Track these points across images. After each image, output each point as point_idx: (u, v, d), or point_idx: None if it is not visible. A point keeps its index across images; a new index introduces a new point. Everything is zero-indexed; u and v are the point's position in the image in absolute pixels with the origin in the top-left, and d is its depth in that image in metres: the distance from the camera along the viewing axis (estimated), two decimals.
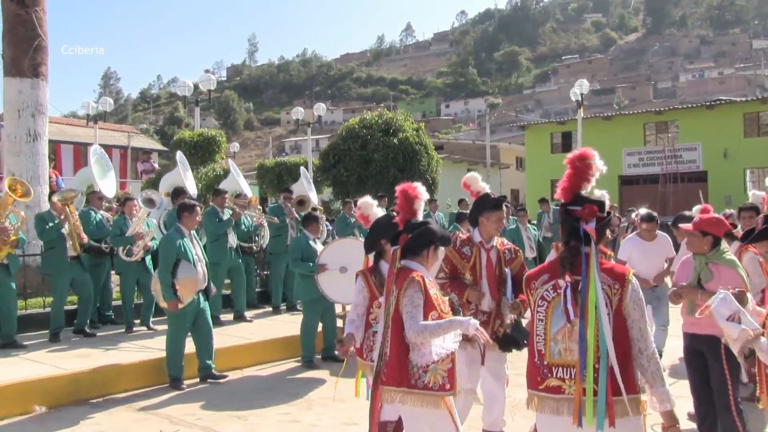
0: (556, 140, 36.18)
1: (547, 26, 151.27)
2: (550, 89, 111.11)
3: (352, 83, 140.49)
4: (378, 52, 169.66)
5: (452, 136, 74.05)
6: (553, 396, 3.11)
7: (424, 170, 18.34)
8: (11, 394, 6.14)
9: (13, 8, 10.32)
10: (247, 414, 6.15)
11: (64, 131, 30.80)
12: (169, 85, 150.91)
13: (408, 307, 3.61)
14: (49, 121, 11.01)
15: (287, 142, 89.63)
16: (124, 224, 9.11)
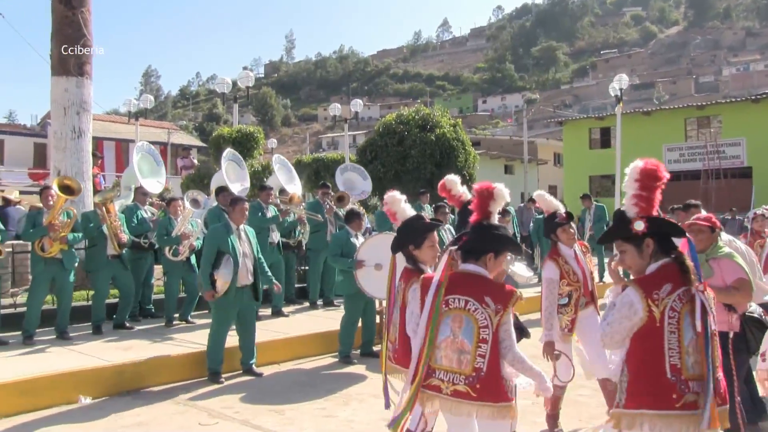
0: (594, 136, 35.73)
1: (585, 20, 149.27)
2: (589, 84, 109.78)
3: (389, 79, 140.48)
4: (415, 48, 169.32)
5: (489, 132, 73.67)
6: (689, 413, 3.03)
7: (461, 166, 18.25)
8: (58, 384, 6.34)
9: (62, 10, 10.55)
10: (284, 408, 6.23)
11: (106, 128, 31.42)
12: (207, 82, 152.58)
13: (508, 337, 3.52)
14: (92, 118, 11.23)
15: (324, 138, 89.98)
16: (169, 224, 9.30)
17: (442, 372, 3.49)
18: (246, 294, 7.24)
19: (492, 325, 3.45)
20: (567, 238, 5.49)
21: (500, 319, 3.46)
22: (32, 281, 8.36)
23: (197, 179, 17.17)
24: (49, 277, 8.24)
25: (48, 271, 8.19)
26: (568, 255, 5.48)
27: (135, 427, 5.73)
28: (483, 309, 3.46)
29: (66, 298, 8.42)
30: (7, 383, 6.14)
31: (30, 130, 38.18)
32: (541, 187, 39.78)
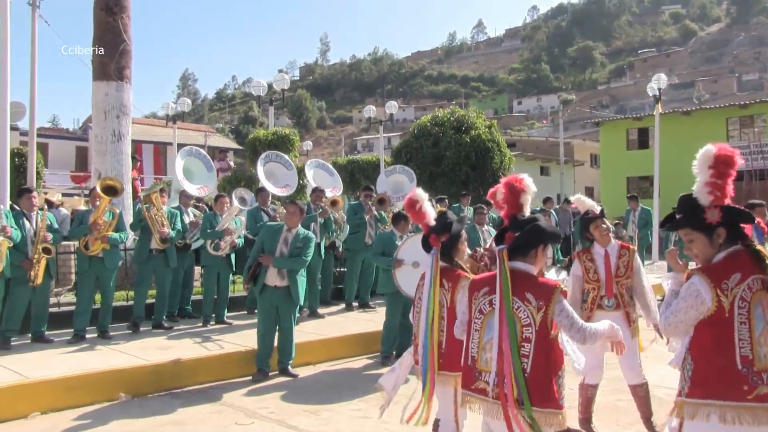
0: (632, 136, 35.27)
1: (623, 19, 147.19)
2: (626, 84, 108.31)
3: (424, 81, 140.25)
4: (449, 50, 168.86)
5: (525, 133, 73.24)
6: (762, 405, 2.90)
7: (497, 168, 18.20)
8: (101, 382, 6.50)
9: (103, 16, 10.78)
10: (320, 409, 6.26)
11: (145, 131, 31.94)
12: (243, 85, 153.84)
13: (567, 319, 3.35)
14: (132, 121, 11.43)
15: (359, 140, 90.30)
16: (214, 220, 9.45)
17: (487, 374, 3.40)
18: (279, 294, 7.31)
19: (535, 323, 3.31)
20: (600, 235, 5.51)
21: (544, 315, 3.31)
22: (78, 279, 8.60)
23: (233, 181, 17.37)
24: (94, 276, 8.46)
25: (92, 270, 8.41)
26: (597, 254, 5.50)
27: (173, 425, 5.81)
28: (525, 306, 3.35)
29: (107, 298, 8.62)
30: (54, 379, 6.31)
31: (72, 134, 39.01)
32: (577, 188, 39.46)
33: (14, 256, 7.70)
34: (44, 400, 6.11)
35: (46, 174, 21.39)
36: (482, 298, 3.54)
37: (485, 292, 3.53)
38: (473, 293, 3.63)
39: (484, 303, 3.52)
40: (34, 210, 8.16)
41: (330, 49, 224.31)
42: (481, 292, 3.56)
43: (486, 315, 3.48)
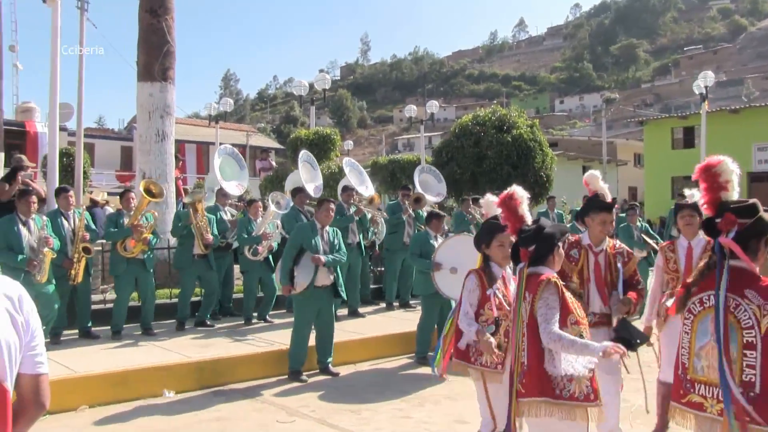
0: (677, 135, 34.57)
1: (668, 16, 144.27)
2: (671, 82, 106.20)
3: (465, 80, 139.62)
4: (490, 49, 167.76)
5: (567, 133, 72.38)
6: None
7: (539, 167, 18.00)
8: (145, 378, 6.61)
9: (148, 18, 10.95)
10: (360, 408, 6.27)
11: (188, 131, 32.38)
12: (285, 85, 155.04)
13: (543, 309, 3.42)
14: (175, 121, 11.59)
15: (400, 139, 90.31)
16: (249, 225, 9.52)
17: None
18: (326, 293, 7.33)
19: (525, 316, 3.49)
20: (683, 225, 5.40)
21: (531, 307, 3.45)
22: (116, 280, 8.71)
23: (275, 180, 17.51)
24: (132, 276, 8.58)
25: (130, 270, 8.52)
26: (680, 245, 5.39)
27: (215, 422, 5.88)
28: (523, 303, 3.54)
29: (150, 297, 8.77)
30: (100, 375, 6.45)
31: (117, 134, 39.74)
32: (620, 188, 38.88)
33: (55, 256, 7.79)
34: (92, 393, 6.24)
35: (92, 173, 21.83)
36: None
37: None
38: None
39: None
40: (71, 209, 8.29)
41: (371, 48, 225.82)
42: None
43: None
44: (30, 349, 2.05)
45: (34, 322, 2.07)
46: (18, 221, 7.40)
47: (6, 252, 7.24)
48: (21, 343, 1.99)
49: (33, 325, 2.06)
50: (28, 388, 2.06)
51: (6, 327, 1.95)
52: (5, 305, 1.97)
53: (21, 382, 2.06)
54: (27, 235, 7.38)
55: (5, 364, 1.94)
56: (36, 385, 2.06)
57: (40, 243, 7.37)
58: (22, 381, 2.05)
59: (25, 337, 2.02)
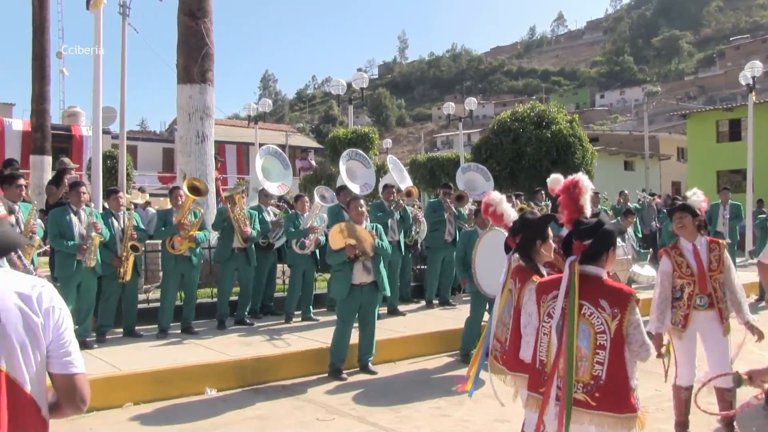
0: (722, 128, 33.77)
1: (713, 5, 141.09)
2: (715, 74, 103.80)
3: (503, 76, 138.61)
4: (529, 44, 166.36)
5: (608, 128, 71.38)
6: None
7: (579, 163, 17.77)
8: (187, 376, 6.71)
9: (187, 21, 11.10)
10: (399, 406, 6.27)
11: (228, 132, 32.74)
12: (323, 84, 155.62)
13: (638, 328, 3.32)
14: (215, 123, 11.73)
15: (439, 137, 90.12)
16: (296, 220, 9.61)
17: (559, 379, 3.40)
18: (366, 291, 7.33)
19: (610, 330, 3.30)
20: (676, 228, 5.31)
21: (619, 324, 3.29)
22: (163, 277, 8.91)
23: (314, 180, 17.61)
24: (179, 274, 8.75)
25: (178, 268, 8.70)
26: (685, 248, 5.25)
27: (256, 420, 5.93)
28: (598, 313, 3.33)
29: (192, 294, 8.91)
30: (144, 373, 6.56)
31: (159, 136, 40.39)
32: (663, 183, 38.24)
33: (104, 254, 8.12)
34: (136, 391, 6.36)
35: (135, 175, 22.24)
36: (551, 302, 3.52)
37: (554, 296, 3.51)
38: (541, 296, 3.61)
39: (553, 307, 3.50)
40: (121, 209, 8.54)
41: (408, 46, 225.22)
42: (551, 295, 3.54)
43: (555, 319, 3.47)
44: (59, 348, 2.03)
45: (62, 320, 2.04)
46: (69, 211, 7.88)
47: (58, 239, 7.75)
48: (38, 342, 1.97)
49: (59, 324, 2.03)
50: (62, 388, 2.05)
51: (18, 324, 1.92)
52: (17, 303, 1.94)
53: (55, 383, 2.06)
54: (78, 224, 7.86)
55: (21, 365, 1.93)
56: (70, 385, 2.05)
57: (89, 228, 7.82)
58: (56, 381, 2.05)
59: (46, 336, 2.00)
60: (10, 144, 23.95)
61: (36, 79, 12.20)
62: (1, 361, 1.89)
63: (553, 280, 3.62)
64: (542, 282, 3.71)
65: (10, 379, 1.90)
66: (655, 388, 6.22)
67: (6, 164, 10.00)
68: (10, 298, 1.93)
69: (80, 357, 2.11)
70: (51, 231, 7.74)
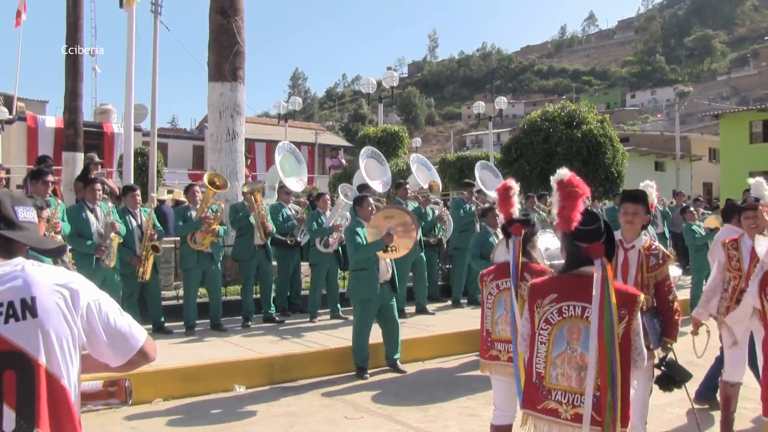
0: (755, 129, 33.29)
1: (748, 4, 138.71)
2: (749, 74, 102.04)
3: (533, 76, 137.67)
4: (559, 43, 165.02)
5: (639, 128, 70.58)
6: (549, 418, 3.09)
7: (609, 163, 17.58)
8: (216, 373, 6.74)
9: (219, 19, 11.16)
10: (428, 405, 6.24)
11: (257, 130, 32.88)
12: (353, 83, 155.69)
13: (639, 335, 3.13)
14: (245, 120, 11.78)
15: (468, 136, 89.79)
16: (318, 217, 9.61)
17: (559, 393, 3.09)
18: (386, 289, 7.35)
19: (617, 334, 3.02)
20: (747, 227, 5.27)
21: (627, 326, 3.05)
22: (185, 274, 8.85)
23: (344, 178, 17.63)
24: (201, 270, 8.74)
25: (200, 264, 8.69)
26: (744, 244, 5.24)
27: (285, 417, 5.94)
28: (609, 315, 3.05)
29: (217, 290, 8.92)
30: (172, 369, 6.59)
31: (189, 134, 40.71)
32: (694, 184, 37.72)
33: (123, 252, 8.06)
34: (166, 387, 6.40)
35: (165, 172, 22.43)
36: (549, 306, 3.18)
37: (552, 300, 3.18)
38: (536, 300, 3.26)
39: (551, 312, 3.16)
40: (137, 207, 8.51)
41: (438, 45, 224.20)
42: (547, 299, 3.20)
43: (554, 325, 3.14)
44: (116, 334, 2.06)
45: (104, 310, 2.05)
46: (85, 208, 7.77)
47: (76, 238, 7.57)
48: (76, 336, 1.98)
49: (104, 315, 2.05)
50: (136, 360, 2.13)
51: (58, 320, 1.94)
52: (57, 299, 1.96)
53: (128, 368, 2.12)
54: (95, 222, 7.73)
55: (59, 360, 1.93)
56: (142, 354, 2.14)
57: (107, 228, 7.69)
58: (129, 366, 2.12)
59: (91, 332, 2.01)
60: (44, 141, 24.28)
61: (69, 76, 12.36)
62: (41, 357, 1.90)
63: (550, 282, 3.35)
64: (536, 284, 3.36)
65: (49, 374, 1.91)
66: None
67: (39, 161, 10.14)
68: (50, 294, 1.94)
69: (138, 327, 2.15)
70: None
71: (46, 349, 1.91)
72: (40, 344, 1.90)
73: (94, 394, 2.27)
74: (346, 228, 7.71)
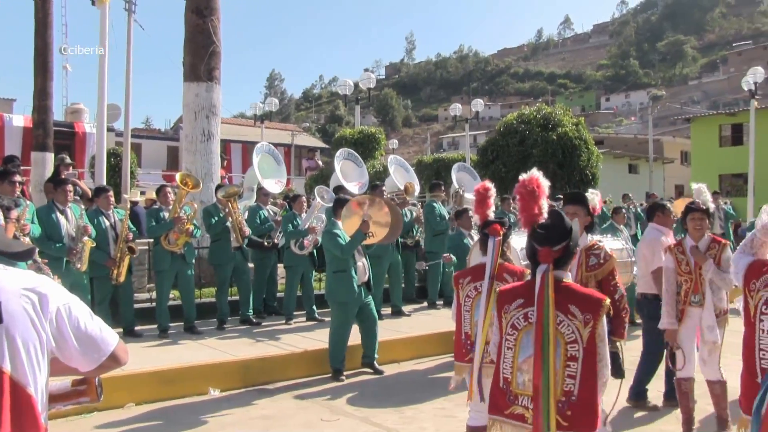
0: (725, 133, 33.85)
1: (717, 11, 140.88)
2: (719, 79, 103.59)
3: (510, 78, 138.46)
4: (536, 47, 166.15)
5: (613, 131, 71.34)
6: (516, 423, 3.06)
7: (584, 165, 17.72)
8: (191, 376, 6.68)
9: (194, 19, 11.06)
10: (404, 408, 6.24)
11: (233, 131, 32.65)
12: (330, 84, 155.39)
13: (603, 341, 3.05)
14: (221, 121, 11.69)
15: (445, 138, 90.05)
16: (294, 219, 9.56)
17: (525, 398, 3.04)
18: (363, 290, 7.34)
19: (582, 339, 2.98)
20: (692, 228, 5.39)
21: (592, 331, 2.99)
22: (158, 276, 8.72)
23: (321, 179, 17.56)
24: (174, 272, 8.64)
25: (173, 267, 8.59)
26: (688, 246, 5.37)
27: (261, 420, 5.90)
28: (569, 321, 3.00)
29: (190, 292, 8.82)
30: (147, 372, 6.50)
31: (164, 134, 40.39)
32: (667, 186, 38.15)
33: (96, 254, 7.90)
34: (139, 391, 6.30)
35: (139, 173, 22.20)
36: (515, 311, 3.15)
37: (519, 305, 3.14)
38: (503, 305, 3.21)
39: (517, 317, 3.13)
40: (110, 208, 8.39)
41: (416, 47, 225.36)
42: (514, 304, 3.16)
43: (521, 331, 3.10)
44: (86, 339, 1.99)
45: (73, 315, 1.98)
46: (55, 210, 7.59)
47: (45, 241, 7.33)
48: (44, 342, 1.91)
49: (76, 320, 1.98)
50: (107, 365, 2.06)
51: (25, 325, 1.86)
52: (24, 304, 1.88)
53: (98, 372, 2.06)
54: (65, 224, 7.56)
55: (25, 367, 1.86)
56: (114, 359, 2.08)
57: (79, 232, 7.53)
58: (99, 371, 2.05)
59: (60, 337, 1.94)
60: (11, 140, 23.80)
61: (38, 75, 12.17)
62: (6, 364, 1.83)
63: (517, 287, 3.32)
64: (504, 290, 3.34)
65: (14, 382, 1.84)
66: (658, 389, 6.21)
67: (6, 161, 9.96)
68: (16, 299, 1.87)
69: (109, 330, 2.08)
70: None
71: (12, 355, 1.83)
72: (4, 350, 1.83)
73: (63, 394, 2.18)
74: (324, 231, 7.66)
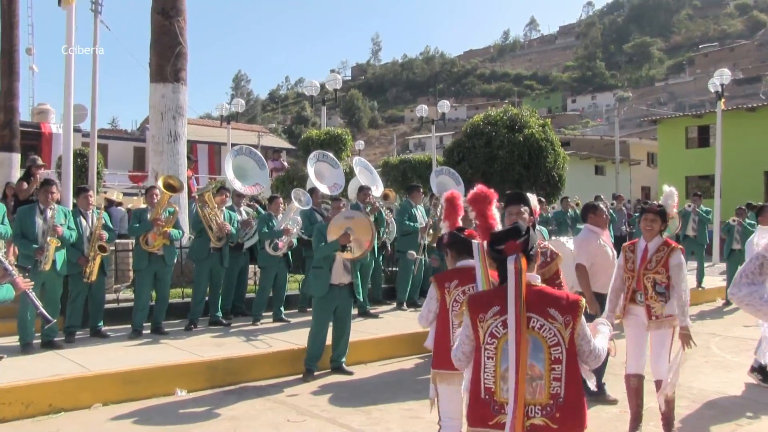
0: (691, 135, 34.31)
1: (683, 13, 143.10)
2: (685, 81, 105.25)
3: (476, 80, 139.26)
4: (502, 48, 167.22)
5: (579, 132, 72.10)
6: None
7: (551, 167, 17.89)
8: (157, 376, 6.67)
9: (160, 20, 11.02)
10: (371, 408, 6.29)
11: (200, 132, 32.49)
12: (296, 85, 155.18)
13: (586, 337, 3.08)
14: (187, 122, 11.64)
15: (411, 139, 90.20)
16: (270, 220, 9.58)
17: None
18: (343, 292, 7.37)
19: (564, 341, 2.99)
20: (643, 228, 5.51)
21: (572, 332, 3.00)
22: (137, 277, 8.77)
23: (286, 181, 17.54)
24: (153, 273, 8.67)
25: (151, 267, 8.62)
26: (639, 247, 5.53)
27: (227, 421, 5.92)
28: (550, 324, 2.99)
29: (165, 294, 8.85)
30: (114, 373, 6.50)
31: (130, 135, 39.98)
32: (634, 188, 38.73)
33: (71, 253, 7.96)
34: (105, 392, 6.30)
35: (105, 174, 21.97)
36: (492, 320, 3.08)
37: (495, 312, 3.07)
38: (477, 314, 3.14)
39: (496, 325, 3.07)
40: (90, 208, 8.42)
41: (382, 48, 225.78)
42: (490, 312, 3.09)
43: (500, 339, 3.05)
44: None
45: None
46: (37, 211, 7.73)
47: (20, 239, 7.59)
48: None
49: None
50: None
51: None
52: None
53: None
54: (41, 225, 7.66)
55: None
56: None
57: (47, 231, 7.59)
58: None
59: None
60: None
61: (4, 76, 12.03)
62: None
63: (488, 293, 3.28)
64: (476, 296, 3.30)
65: None
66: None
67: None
68: None
69: None
70: (14, 230, 7.60)
71: None
72: None
73: None
74: (316, 227, 7.76)
